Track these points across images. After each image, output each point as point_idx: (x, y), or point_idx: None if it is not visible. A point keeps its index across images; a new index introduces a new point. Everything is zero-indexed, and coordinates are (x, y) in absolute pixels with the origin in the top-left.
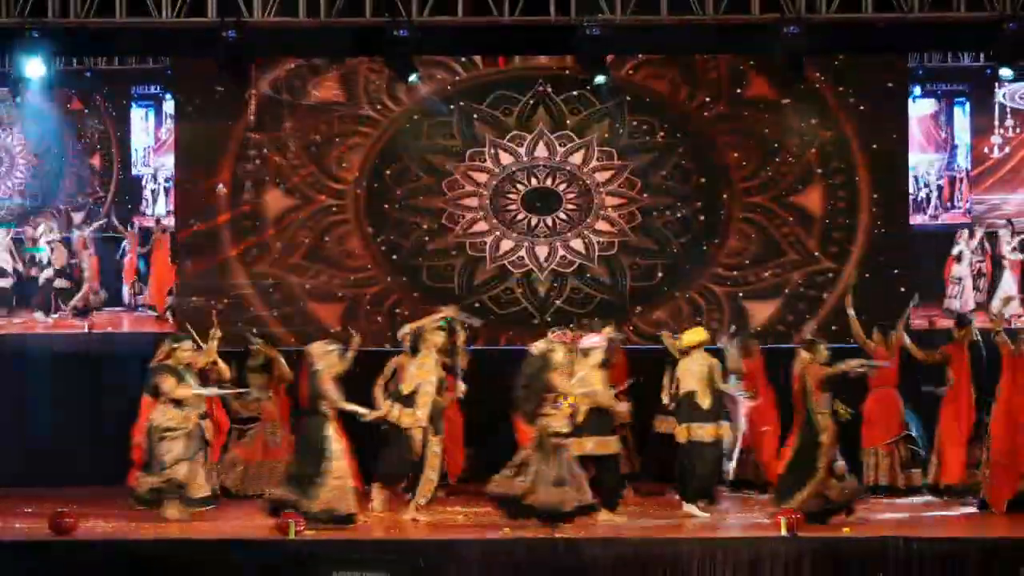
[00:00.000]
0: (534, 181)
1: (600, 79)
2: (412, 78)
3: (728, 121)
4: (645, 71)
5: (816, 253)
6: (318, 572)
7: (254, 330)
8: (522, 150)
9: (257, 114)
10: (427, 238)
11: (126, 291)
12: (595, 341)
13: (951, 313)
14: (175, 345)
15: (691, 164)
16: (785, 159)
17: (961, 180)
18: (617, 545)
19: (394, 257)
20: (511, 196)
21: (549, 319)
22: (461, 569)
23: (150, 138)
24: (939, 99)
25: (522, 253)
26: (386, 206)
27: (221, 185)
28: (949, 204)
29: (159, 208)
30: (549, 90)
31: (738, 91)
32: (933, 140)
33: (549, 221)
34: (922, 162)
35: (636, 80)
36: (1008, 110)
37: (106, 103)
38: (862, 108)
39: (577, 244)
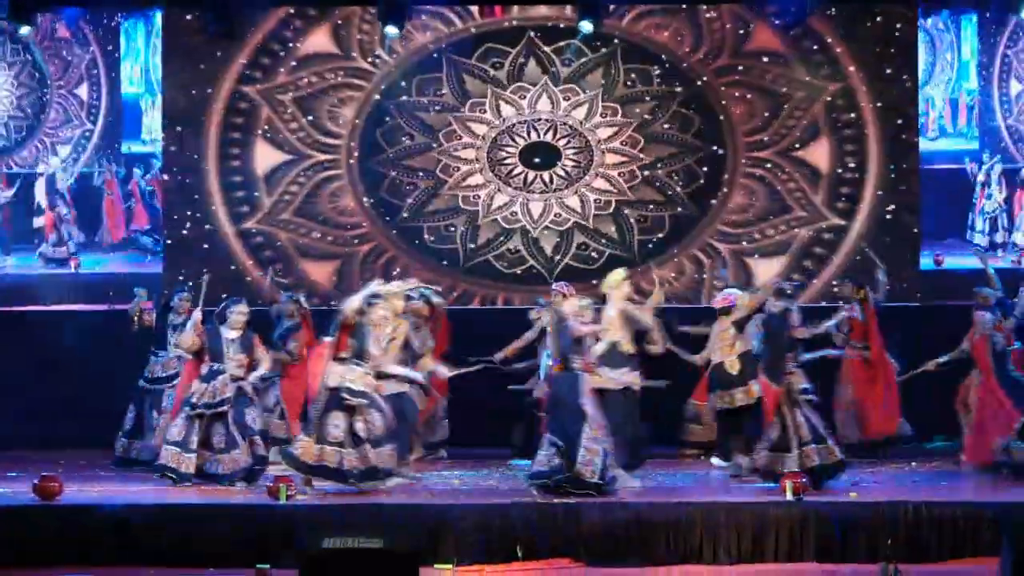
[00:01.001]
0: (534, 135)
1: (586, 28)
2: (389, 30)
3: (732, 74)
4: (647, 22)
5: (824, 209)
6: (309, 538)
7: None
8: (524, 103)
9: (246, 66)
10: (423, 194)
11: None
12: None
13: (979, 251)
14: (375, 301)
15: (694, 118)
16: (791, 112)
17: (974, 103)
18: (617, 510)
19: (388, 214)
20: (509, 149)
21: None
22: (458, 535)
23: (141, 57)
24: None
25: (516, 208)
26: (380, 161)
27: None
28: (954, 130)
29: (154, 132)
30: (540, 41)
31: (742, 43)
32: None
33: (547, 177)
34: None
35: (637, 31)
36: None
37: (94, 29)
38: (870, 59)
39: (573, 202)
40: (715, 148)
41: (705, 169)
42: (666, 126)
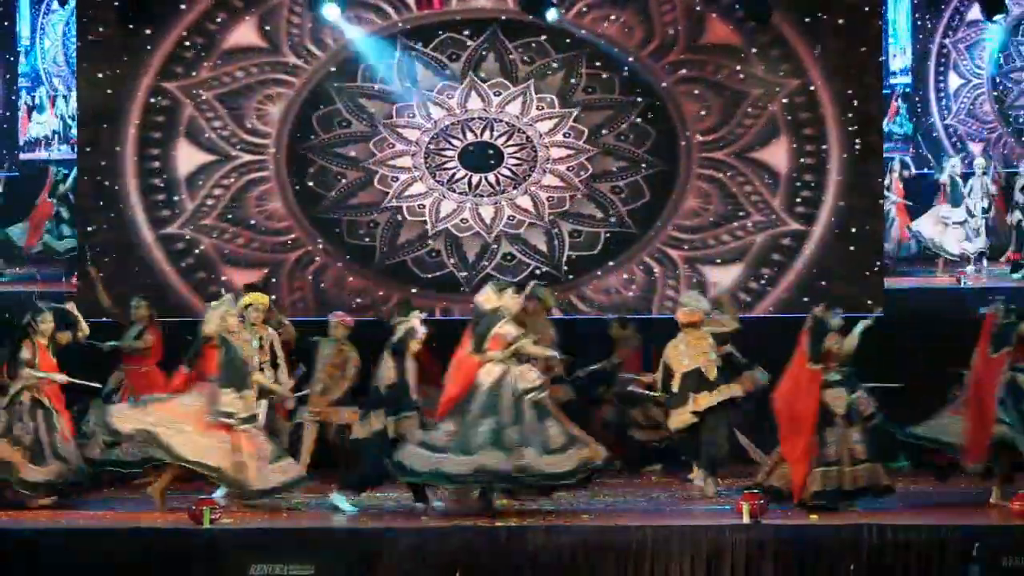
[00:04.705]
0: (470, 136)
1: (551, 17)
2: (328, 13)
3: (685, 69)
4: (593, 15)
5: (782, 213)
6: (235, 564)
7: None
8: (453, 102)
9: (166, 61)
10: (353, 196)
11: None
12: None
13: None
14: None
15: (644, 117)
16: (748, 111)
17: (899, 96)
18: (563, 533)
19: (319, 219)
20: (447, 153)
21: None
22: (395, 559)
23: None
24: None
25: (466, 215)
26: (310, 162)
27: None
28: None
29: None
30: (504, 36)
31: (697, 36)
32: None
33: (492, 178)
34: None
35: (585, 24)
36: None
37: None
38: (832, 54)
39: (525, 201)
40: (667, 148)
41: (655, 172)
42: (614, 128)
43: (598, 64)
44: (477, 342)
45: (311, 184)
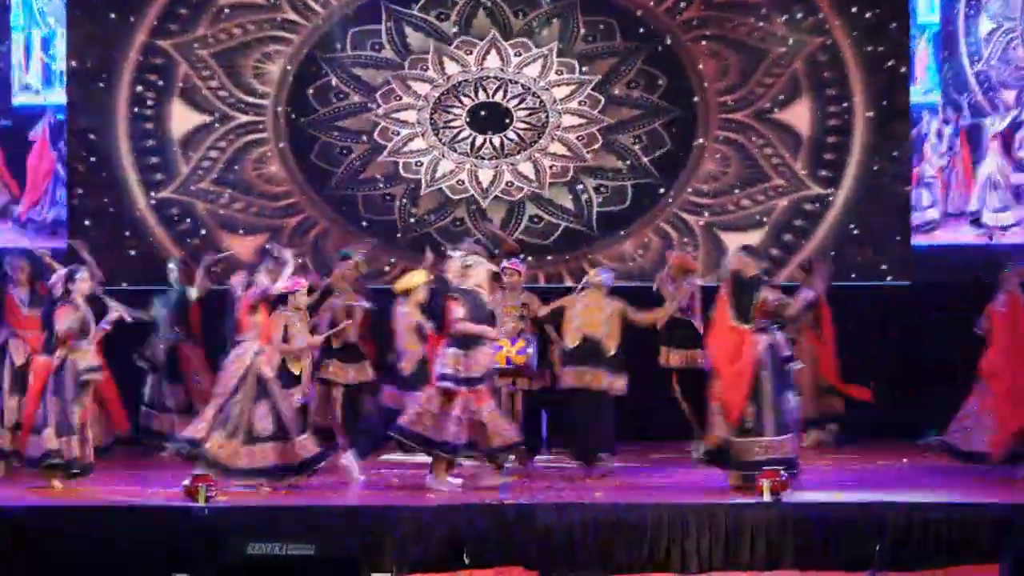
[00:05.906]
0: (482, 95)
1: None
2: None
3: (704, 26)
4: None
5: (805, 177)
6: (231, 544)
7: None
8: (471, 59)
9: (161, 17)
10: (359, 160)
11: None
12: None
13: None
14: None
15: (660, 76)
16: (769, 70)
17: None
18: (574, 511)
19: (319, 183)
20: (455, 111)
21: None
22: (398, 538)
23: None
24: None
25: (463, 176)
26: (310, 123)
27: None
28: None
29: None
30: None
31: None
32: None
33: (496, 141)
34: None
35: None
36: None
37: None
38: (856, 10)
39: (527, 168)
40: (684, 109)
41: (673, 133)
42: (629, 86)
43: (594, 11)
44: (744, 311)
45: (317, 160)
